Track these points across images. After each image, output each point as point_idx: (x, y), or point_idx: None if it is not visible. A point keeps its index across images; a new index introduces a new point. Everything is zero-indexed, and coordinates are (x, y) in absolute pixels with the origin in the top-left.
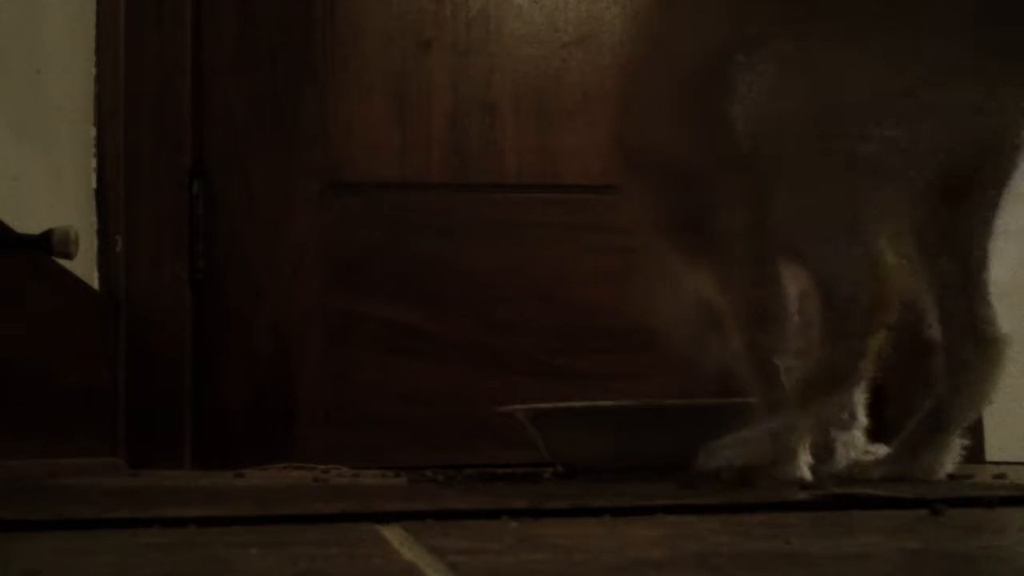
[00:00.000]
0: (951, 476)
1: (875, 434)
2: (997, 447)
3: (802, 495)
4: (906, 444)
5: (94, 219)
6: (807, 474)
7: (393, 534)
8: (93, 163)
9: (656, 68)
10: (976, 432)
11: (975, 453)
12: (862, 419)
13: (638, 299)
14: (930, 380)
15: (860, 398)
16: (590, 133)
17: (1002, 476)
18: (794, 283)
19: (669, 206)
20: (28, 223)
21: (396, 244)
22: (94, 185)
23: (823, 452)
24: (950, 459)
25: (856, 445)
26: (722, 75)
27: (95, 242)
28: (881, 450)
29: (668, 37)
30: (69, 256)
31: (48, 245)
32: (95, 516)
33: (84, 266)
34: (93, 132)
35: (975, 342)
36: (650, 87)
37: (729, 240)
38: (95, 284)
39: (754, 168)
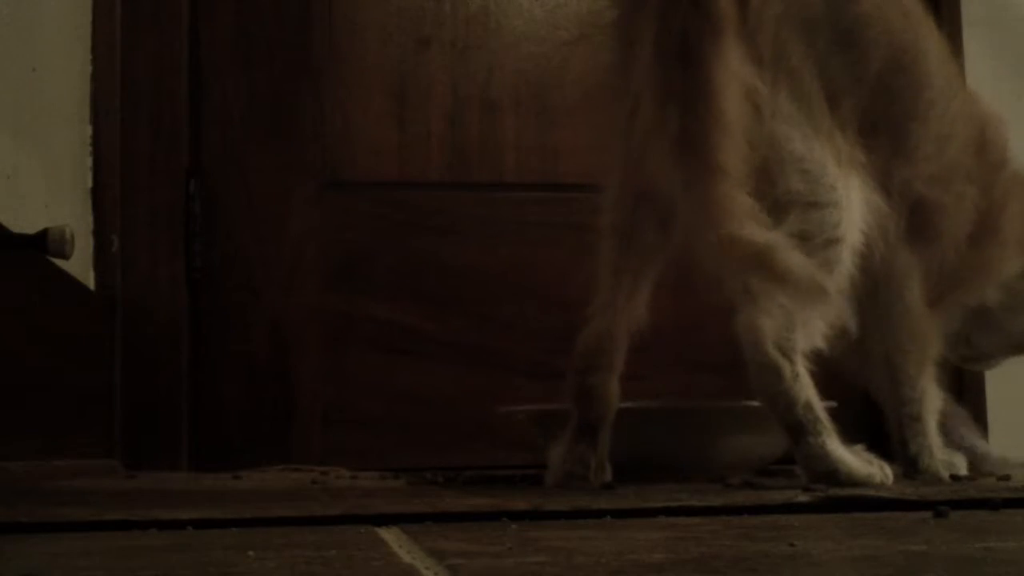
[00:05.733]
0: (955, 477)
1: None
2: (1002, 448)
3: (804, 497)
4: None
5: (90, 218)
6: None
7: (392, 536)
8: (89, 162)
9: None
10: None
11: None
12: None
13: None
14: None
15: None
16: (591, 131)
17: (1007, 478)
18: None
19: None
20: (23, 222)
21: (395, 243)
22: (90, 184)
23: None
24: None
25: None
26: None
27: (91, 242)
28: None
29: None
30: (65, 256)
31: (43, 245)
32: (92, 518)
33: (80, 266)
34: (89, 131)
35: None
36: None
37: None
38: (91, 284)
39: None
